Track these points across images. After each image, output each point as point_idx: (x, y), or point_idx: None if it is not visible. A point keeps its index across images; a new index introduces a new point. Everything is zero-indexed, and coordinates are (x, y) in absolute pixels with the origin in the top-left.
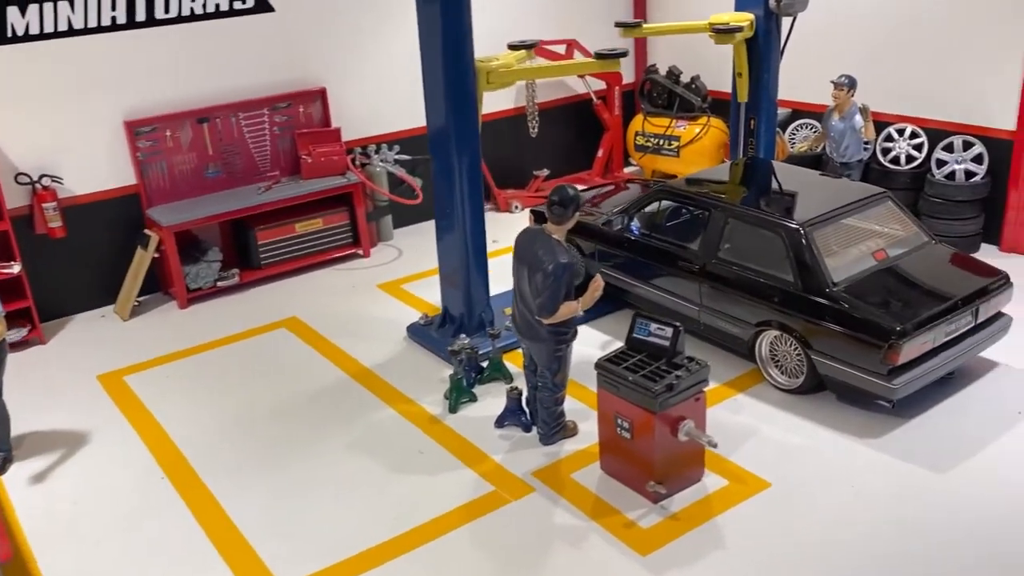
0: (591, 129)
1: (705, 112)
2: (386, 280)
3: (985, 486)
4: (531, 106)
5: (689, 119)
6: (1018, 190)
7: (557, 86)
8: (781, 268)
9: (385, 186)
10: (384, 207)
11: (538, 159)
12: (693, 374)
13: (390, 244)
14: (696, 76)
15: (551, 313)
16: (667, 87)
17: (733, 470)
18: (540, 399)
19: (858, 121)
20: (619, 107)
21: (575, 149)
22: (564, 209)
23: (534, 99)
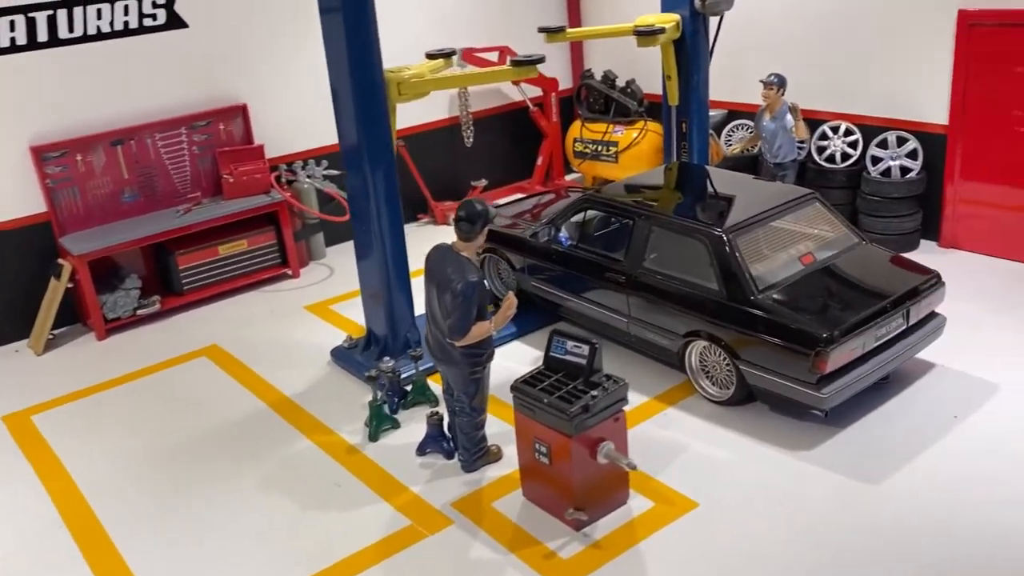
0: (530, 137)
1: (642, 116)
2: (314, 301)
3: (921, 495)
4: (465, 115)
5: (626, 124)
6: (953, 185)
7: (492, 94)
8: (705, 277)
9: (313, 203)
10: (314, 225)
11: (476, 169)
12: (610, 393)
13: (322, 263)
14: (631, 80)
15: (462, 334)
16: (603, 92)
17: (660, 490)
18: (459, 424)
19: (789, 121)
20: (557, 114)
21: (514, 158)
22: (472, 225)
23: (468, 108)
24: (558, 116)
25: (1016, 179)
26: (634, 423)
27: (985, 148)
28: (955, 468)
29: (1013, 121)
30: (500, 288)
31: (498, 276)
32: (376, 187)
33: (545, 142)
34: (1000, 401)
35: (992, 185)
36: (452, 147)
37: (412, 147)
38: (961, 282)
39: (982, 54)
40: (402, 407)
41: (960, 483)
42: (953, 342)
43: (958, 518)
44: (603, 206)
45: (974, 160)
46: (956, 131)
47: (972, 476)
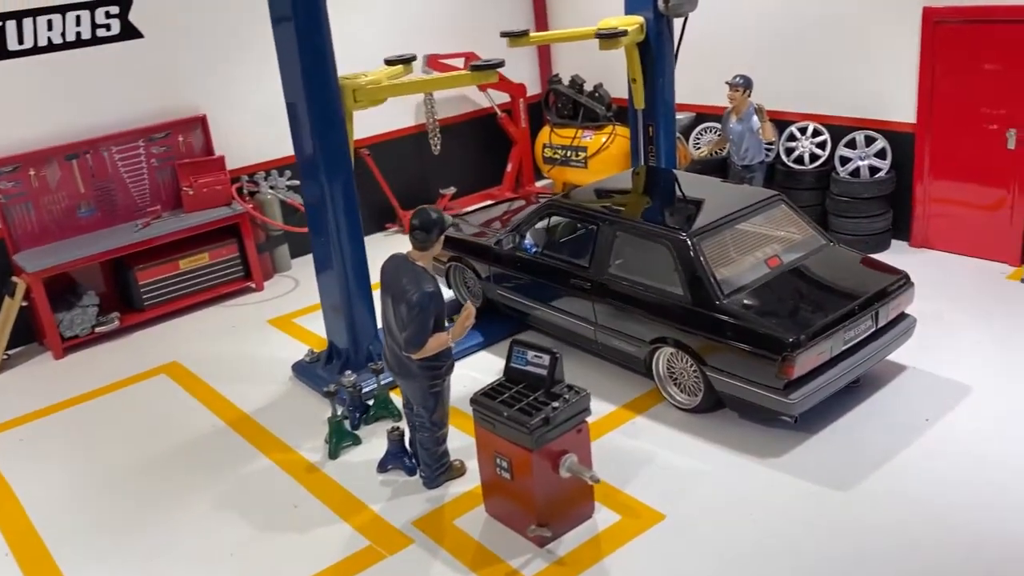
0: (499, 143)
1: (610, 121)
2: (278, 315)
3: (894, 500)
4: (431, 122)
5: (595, 128)
6: (923, 184)
7: (460, 101)
8: (670, 282)
9: (277, 214)
10: (278, 236)
11: (444, 177)
12: (572, 404)
13: (287, 275)
14: (599, 84)
15: (419, 347)
16: (571, 97)
17: (626, 503)
18: (419, 440)
19: (755, 122)
20: (526, 119)
21: (483, 165)
22: (427, 234)
23: (434, 115)
24: (527, 122)
25: (985, 177)
26: (602, 432)
27: (954, 146)
28: (928, 472)
29: (981, 118)
30: (467, 298)
31: (464, 285)
32: (334, 198)
33: (514, 148)
34: (972, 402)
35: (962, 183)
36: (420, 155)
37: (379, 155)
38: (932, 282)
39: (948, 51)
40: (364, 422)
41: (934, 487)
42: (924, 343)
43: (933, 523)
44: (567, 212)
45: (943, 158)
46: (924, 129)
47: (946, 480)
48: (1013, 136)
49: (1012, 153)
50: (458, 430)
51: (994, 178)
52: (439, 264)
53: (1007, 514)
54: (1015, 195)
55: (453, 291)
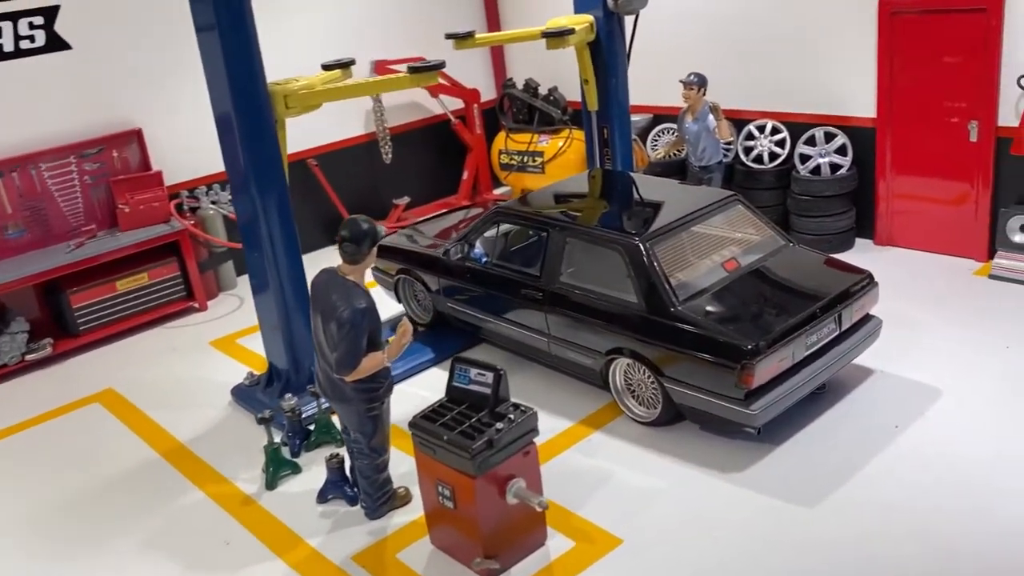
0: (454, 151)
1: (567, 124)
2: (220, 335)
3: (863, 512)
4: (381, 131)
5: (551, 132)
6: (886, 180)
7: (411, 108)
8: (624, 289)
9: (220, 230)
10: (221, 253)
11: (398, 186)
12: (517, 425)
13: (232, 293)
14: (554, 88)
15: (351, 368)
16: (526, 101)
17: (581, 527)
18: (359, 468)
19: (711, 121)
20: (480, 126)
21: (438, 173)
22: (357, 246)
23: (384, 123)
24: (482, 128)
25: (949, 171)
26: (557, 451)
27: (916, 140)
28: (900, 481)
29: (943, 111)
30: (418, 313)
31: (414, 299)
32: (268, 212)
33: (470, 156)
34: (943, 406)
35: (925, 178)
36: (371, 164)
37: (327, 165)
38: (898, 281)
39: (906, 43)
40: (305, 449)
41: (906, 497)
42: (891, 345)
43: (905, 535)
44: (516, 219)
45: (905, 153)
46: (885, 124)
47: (918, 488)
48: (975, 128)
49: (975, 146)
50: (404, 453)
51: (958, 172)
52: (387, 277)
53: (984, 523)
54: (979, 189)
55: (403, 305)
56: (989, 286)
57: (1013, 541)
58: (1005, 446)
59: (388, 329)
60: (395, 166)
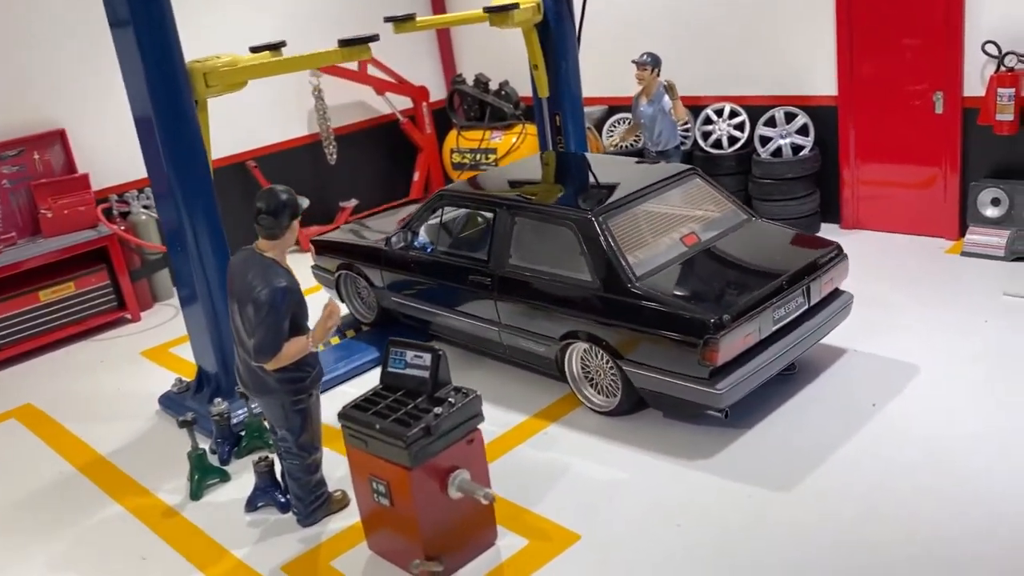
0: (404, 151)
1: (519, 119)
2: (153, 345)
3: (841, 495)
4: (325, 131)
5: (504, 128)
6: (850, 160)
7: (357, 108)
8: (577, 267)
9: (153, 236)
10: (156, 261)
11: (345, 189)
12: (459, 409)
13: (169, 303)
14: (505, 82)
15: (271, 355)
16: (477, 97)
17: (536, 524)
18: (288, 470)
19: (667, 102)
20: (431, 125)
21: (389, 174)
22: (275, 218)
23: (327, 122)
24: (432, 127)
25: (915, 147)
26: (509, 447)
27: (880, 116)
28: (878, 462)
29: (906, 83)
30: (362, 311)
31: (357, 296)
32: (192, 212)
33: (420, 156)
34: (921, 383)
35: (891, 156)
36: (316, 166)
37: (268, 167)
38: (869, 263)
39: (865, 15)
40: (236, 456)
41: (884, 478)
42: (865, 325)
43: (884, 517)
44: (460, 201)
45: (870, 131)
46: (847, 101)
47: (897, 469)
48: (940, 100)
49: (941, 118)
50: (342, 455)
51: (925, 147)
52: (327, 275)
53: (967, 502)
54: (947, 163)
55: (347, 305)
56: (962, 263)
57: (997, 520)
58: (986, 422)
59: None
60: (342, 168)
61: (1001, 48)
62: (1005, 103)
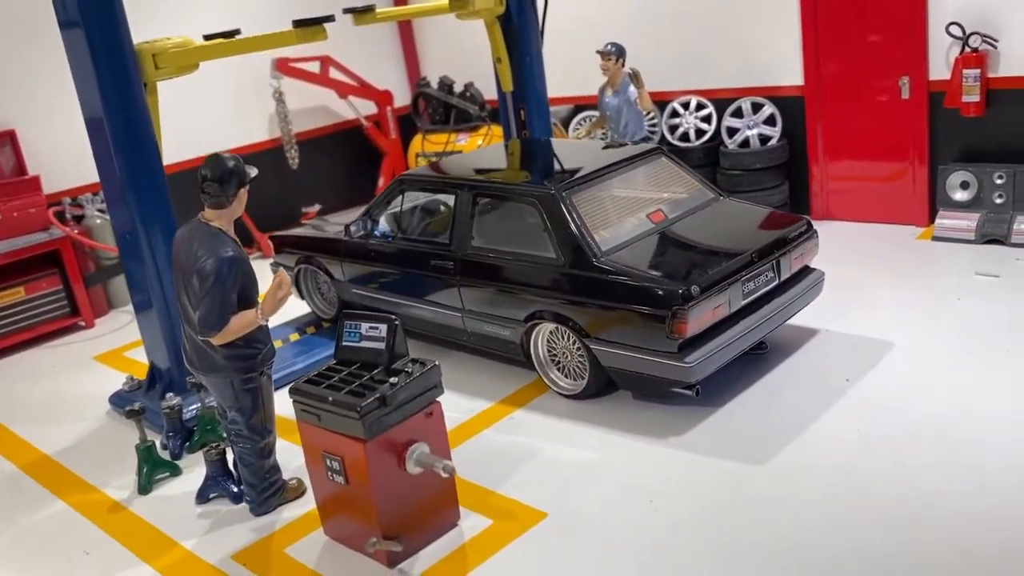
0: (368, 157)
1: (485, 121)
2: (108, 349)
3: (813, 474)
4: (286, 135)
5: (469, 130)
6: (818, 150)
7: (321, 113)
8: (541, 245)
9: (109, 240)
10: (112, 266)
11: (309, 194)
12: (416, 380)
13: (125, 310)
14: (470, 83)
15: (217, 328)
16: (441, 100)
17: (500, 505)
18: (239, 455)
19: (632, 93)
20: (395, 129)
21: (353, 180)
22: (222, 186)
23: (289, 126)
24: (397, 132)
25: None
26: (472, 433)
27: (847, 104)
28: (853, 436)
29: (872, 70)
30: (323, 307)
31: (317, 292)
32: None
33: (385, 160)
34: (895, 358)
35: (859, 144)
36: (279, 171)
37: None
38: (841, 252)
39: (829, 5)
40: (188, 450)
41: (861, 453)
42: (836, 306)
43: (862, 493)
44: (420, 184)
45: (837, 119)
46: (813, 90)
47: (873, 443)
48: (907, 85)
49: (907, 103)
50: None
51: (893, 133)
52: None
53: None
54: (916, 149)
55: (307, 301)
56: (934, 248)
57: (977, 494)
58: (961, 395)
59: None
60: (306, 173)
61: (965, 29)
62: (971, 84)
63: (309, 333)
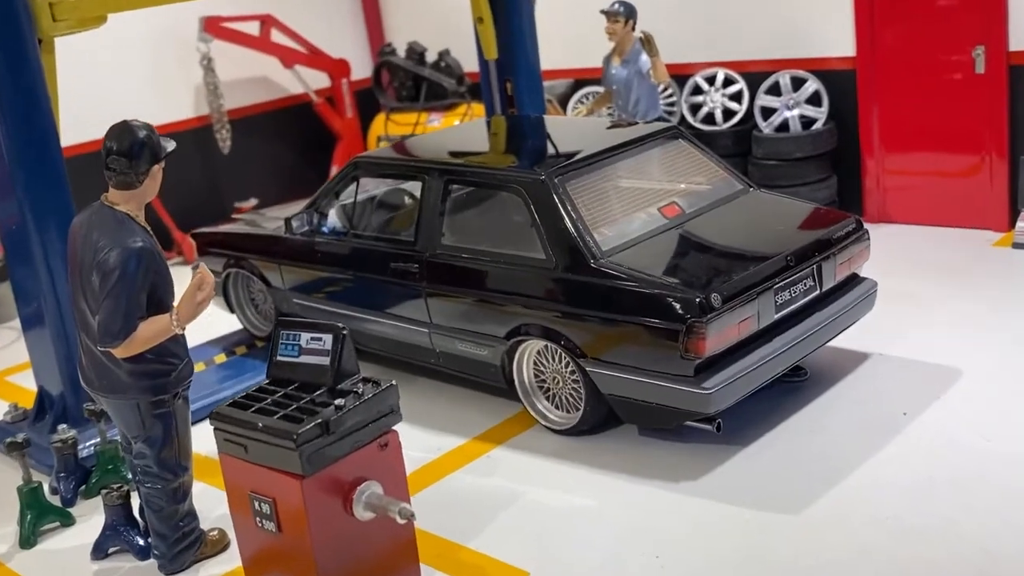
0: (318, 140)
1: (463, 97)
2: None
3: (858, 523)
4: (216, 113)
5: (444, 109)
6: (873, 136)
7: (260, 85)
8: (527, 244)
9: None
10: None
11: (243, 186)
12: (367, 402)
13: (10, 325)
14: (445, 51)
15: (122, 336)
16: (410, 71)
17: (471, 561)
18: (147, 499)
19: (644, 62)
20: (353, 107)
21: (299, 167)
22: (131, 161)
23: (220, 102)
24: (355, 110)
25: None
26: (441, 475)
27: (908, 80)
28: (908, 480)
29: (939, 38)
30: (257, 322)
31: (250, 302)
32: (34, 198)
33: (339, 145)
34: (963, 387)
35: (923, 133)
36: (207, 157)
37: None
38: (897, 258)
39: None
40: (83, 495)
41: (915, 498)
42: (892, 324)
43: (916, 543)
44: (380, 167)
45: (896, 99)
46: (867, 63)
47: (936, 485)
48: (982, 55)
49: (983, 79)
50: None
51: (965, 118)
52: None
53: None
54: (993, 136)
55: (237, 314)
56: (1013, 257)
57: None
58: None
59: None
60: (240, 160)
61: None
62: None
63: (239, 354)
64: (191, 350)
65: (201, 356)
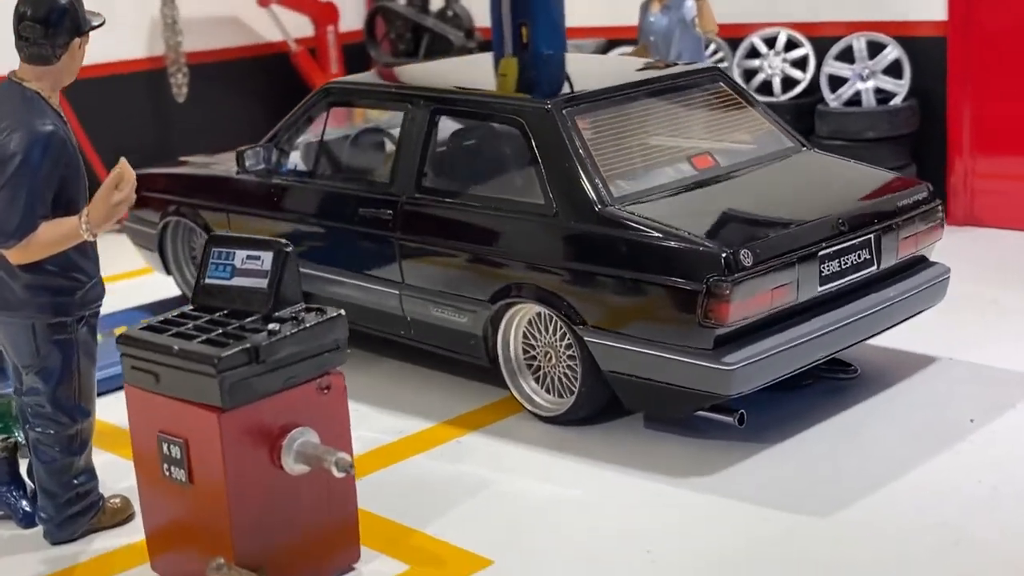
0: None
1: (471, 54)
2: None
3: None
4: (173, 53)
5: None
6: (963, 119)
7: (229, 27)
8: (525, 185)
9: None
10: None
11: (199, 141)
12: (307, 331)
13: None
14: None
15: (19, 236)
16: (411, 19)
17: (423, 546)
18: (36, 446)
19: (689, 9)
20: (339, 61)
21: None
22: (48, 30)
23: (178, 42)
24: (341, 64)
25: None
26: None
27: (1010, 51)
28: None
29: None
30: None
31: (190, 257)
32: None
33: None
34: None
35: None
36: (158, 103)
37: (84, 100)
38: (981, 259)
39: None
40: None
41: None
42: (968, 329)
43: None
44: (356, 95)
45: (995, 75)
46: (960, 30)
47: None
48: None
49: None
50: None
51: None
52: (148, 229)
53: None
54: None
55: (174, 274)
56: None
57: None
58: None
59: None
60: (198, 111)
61: None
62: None
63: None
64: (118, 316)
65: (126, 321)
